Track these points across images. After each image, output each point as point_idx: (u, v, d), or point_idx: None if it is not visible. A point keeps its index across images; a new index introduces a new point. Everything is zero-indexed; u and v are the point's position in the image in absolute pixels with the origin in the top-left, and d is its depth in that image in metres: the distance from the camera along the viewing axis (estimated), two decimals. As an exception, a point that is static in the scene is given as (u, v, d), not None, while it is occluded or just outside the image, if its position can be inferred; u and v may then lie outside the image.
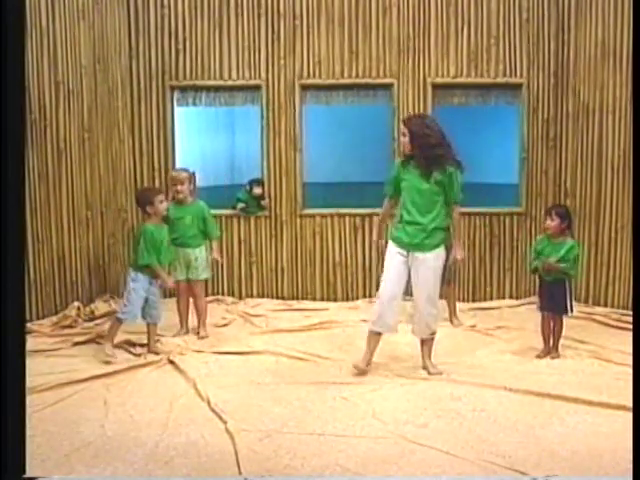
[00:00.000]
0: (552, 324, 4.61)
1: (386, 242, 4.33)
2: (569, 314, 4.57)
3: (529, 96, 6.17)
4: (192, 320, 5.28)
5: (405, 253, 4.18)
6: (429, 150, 4.05)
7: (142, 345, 4.75)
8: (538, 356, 4.58)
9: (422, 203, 4.11)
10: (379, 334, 4.25)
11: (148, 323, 4.71)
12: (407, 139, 4.09)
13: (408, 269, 4.20)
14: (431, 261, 4.14)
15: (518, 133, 6.30)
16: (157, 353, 4.62)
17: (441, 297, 5.87)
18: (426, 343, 4.32)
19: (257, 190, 6.43)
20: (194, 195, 5.26)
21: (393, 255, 4.20)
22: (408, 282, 4.24)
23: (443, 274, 4.31)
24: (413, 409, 3.64)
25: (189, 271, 5.15)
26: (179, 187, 5.06)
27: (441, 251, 4.19)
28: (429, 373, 4.24)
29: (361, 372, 4.20)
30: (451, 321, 5.52)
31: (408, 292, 6.26)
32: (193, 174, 5.29)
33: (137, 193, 5.42)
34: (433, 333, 4.29)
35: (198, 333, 5.15)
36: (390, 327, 4.23)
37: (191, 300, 5.28)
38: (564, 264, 4.47)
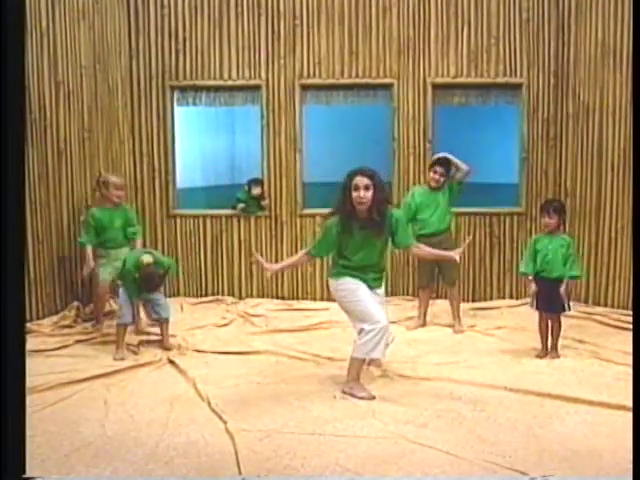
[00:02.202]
0: (550, 323, 4.61)
1: None
2: (566, 312, 4.56)
3: (529, 96, 6.17)
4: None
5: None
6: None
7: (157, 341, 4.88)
8: (538, 356, 4.58)
9: None
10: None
11: (159, 321, 4.84)
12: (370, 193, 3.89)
13: None
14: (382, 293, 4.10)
15: (518, 133, 6.30)
16: (169, 349, 4.71)
17: (443, 297, 5.94)
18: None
19: (255, 190, 6.43)
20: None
21: (362, 285, 3.89)
22: None
23: None
24: (413, 409, 3.63)
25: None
26: (120, 192, 5.26)
27: None
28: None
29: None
30: (453, 326, 5.37)
31: (406, 292, 6.32)
32: None
33: None
34: None
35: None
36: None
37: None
38: (569, 259, 4.47)
